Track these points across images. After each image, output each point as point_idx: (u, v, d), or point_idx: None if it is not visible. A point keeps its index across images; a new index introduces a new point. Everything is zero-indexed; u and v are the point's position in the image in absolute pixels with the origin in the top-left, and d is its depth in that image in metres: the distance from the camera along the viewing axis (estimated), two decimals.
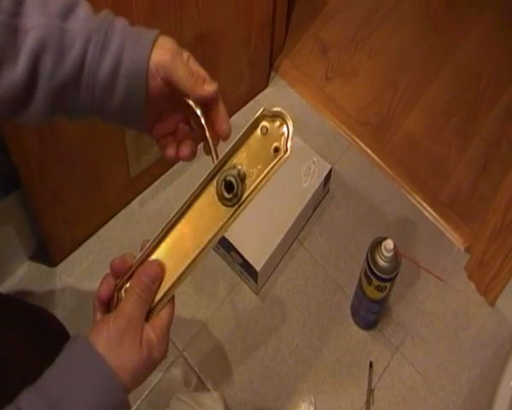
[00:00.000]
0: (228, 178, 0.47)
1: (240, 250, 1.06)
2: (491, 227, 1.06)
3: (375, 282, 0.96)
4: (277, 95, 1.34)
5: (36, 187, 0.97)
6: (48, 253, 1.11)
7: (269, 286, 1.14)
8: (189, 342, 1.07)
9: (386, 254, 0.94)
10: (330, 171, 1.18)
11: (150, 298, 0.48)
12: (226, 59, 1.17)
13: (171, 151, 0.54)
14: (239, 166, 0.48)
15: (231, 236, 1.06)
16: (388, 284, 0.97)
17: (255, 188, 0.48)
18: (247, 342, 1.09)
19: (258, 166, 0.48)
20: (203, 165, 0.55)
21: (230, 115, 0.53)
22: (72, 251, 1.14)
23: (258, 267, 1.06)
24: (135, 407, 1.02)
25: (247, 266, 1.08)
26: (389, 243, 0.93)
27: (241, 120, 1.24)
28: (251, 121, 0.48)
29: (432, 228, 1.22)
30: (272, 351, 1.08)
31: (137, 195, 1.21)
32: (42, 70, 0.47)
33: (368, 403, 1.04)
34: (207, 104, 0.50)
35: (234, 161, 0.48)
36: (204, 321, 1.09)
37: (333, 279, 1.15)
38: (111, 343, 0.46)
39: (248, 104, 1.32)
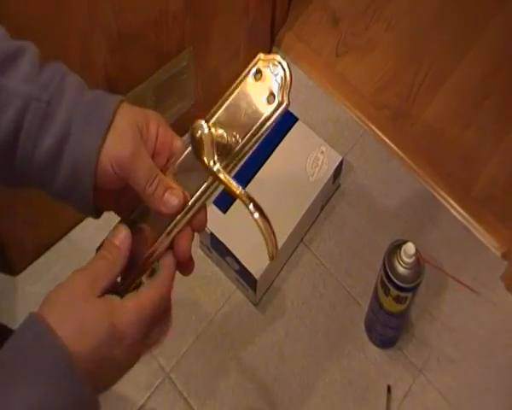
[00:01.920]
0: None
1: (236, 255, 1.04)
2: None
3: (394, 292, 0.94)
4: None
5: None
6: (7, 260, 1.08)
7: (270, 296, 1.11)
8: (176, 363, 1.04)
9: (406, 259, 0.92)
10: (341, 162, 1.15)
11: (118, 260, 0.46)
12: (220, 32, 1.13)
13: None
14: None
15: (226, 238, 1.03)
16: (409, 295, 0.95)
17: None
18: (245, 362, 1.06)
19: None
20: None
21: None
22: (36, 257, 1.11)
23: (257, 275, 1.03)
24: None
25: (244, 274, 1.05)
26: (410, 247, 0.92)
27: None
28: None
29: (462, 230, 1.18)
30: (274, 373, 1.05)
31: None
32: None
33: None
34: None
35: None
36: (194, 337, 1.07)
37: (344, 289, 1.12)
38: (64, 303, 0.43)
39: None
